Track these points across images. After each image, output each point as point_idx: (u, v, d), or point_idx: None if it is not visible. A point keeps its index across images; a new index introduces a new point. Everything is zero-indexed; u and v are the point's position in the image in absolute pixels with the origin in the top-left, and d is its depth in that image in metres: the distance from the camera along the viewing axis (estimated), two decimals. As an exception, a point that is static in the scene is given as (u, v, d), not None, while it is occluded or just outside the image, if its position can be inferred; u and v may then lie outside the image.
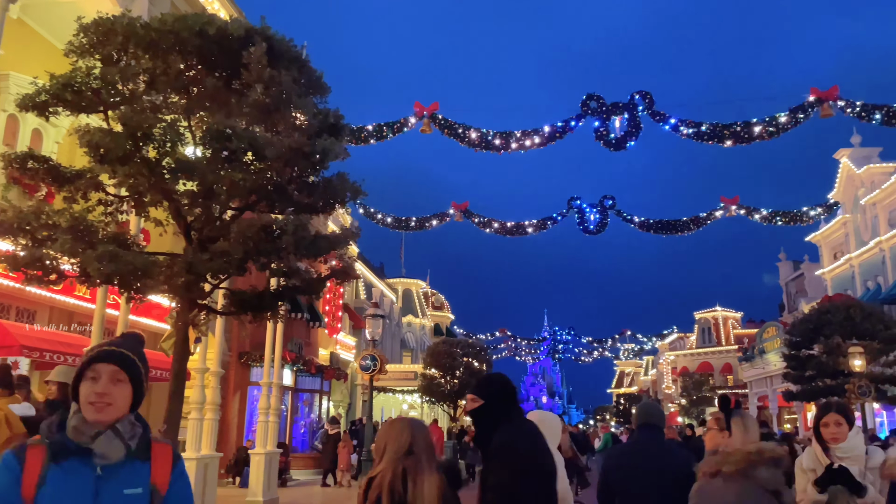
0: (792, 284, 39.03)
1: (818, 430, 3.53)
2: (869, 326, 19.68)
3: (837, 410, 3.53)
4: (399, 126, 22.65)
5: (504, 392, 3.08)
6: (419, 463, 2.50)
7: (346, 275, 7.23)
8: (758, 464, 2.51)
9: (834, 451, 3.44)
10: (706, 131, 21.24)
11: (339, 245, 7.15)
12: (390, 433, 2.62)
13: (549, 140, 22.13)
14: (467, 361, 30.73)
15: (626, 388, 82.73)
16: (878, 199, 26.25)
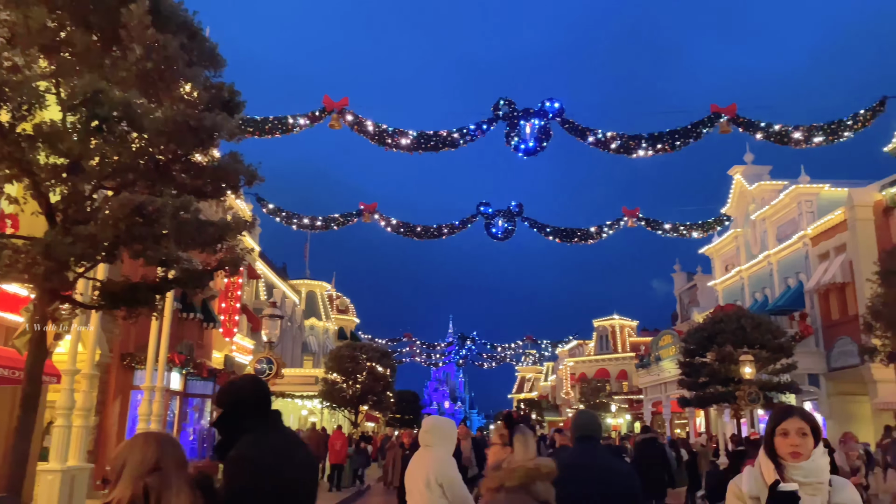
0: (685, 294, 40.69)
1: (771, 440, 2.64)
2: (758, 336, 20.51)
3: (802, 416, 2.62)
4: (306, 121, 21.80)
5: (248, 400, 2.72)
6: (167, 480, 2.15)
7: (236, 266, 6.50)
8: (536, 478, 2.69)
9: (790, 471, 2.54)
10: (612, 141, 21.61)
11: (230, 234, 6.42)
12: (130, 448, 2.25)
13: (460, 142, 21.91)
14: (371, 366, 30.02)
15: (527, 393, 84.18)
16: (768, 214, 27.65)
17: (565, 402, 63.91)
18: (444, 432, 4.89)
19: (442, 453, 4.63)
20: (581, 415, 3.93)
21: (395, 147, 21.67)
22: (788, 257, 26.52)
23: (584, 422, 3.83)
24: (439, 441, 4.80)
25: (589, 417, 3.90)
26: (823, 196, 24.98)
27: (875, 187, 22.35)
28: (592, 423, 3.85)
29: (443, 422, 5.07)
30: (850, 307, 22.78)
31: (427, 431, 4.75)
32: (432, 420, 5.05)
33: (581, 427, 3.80)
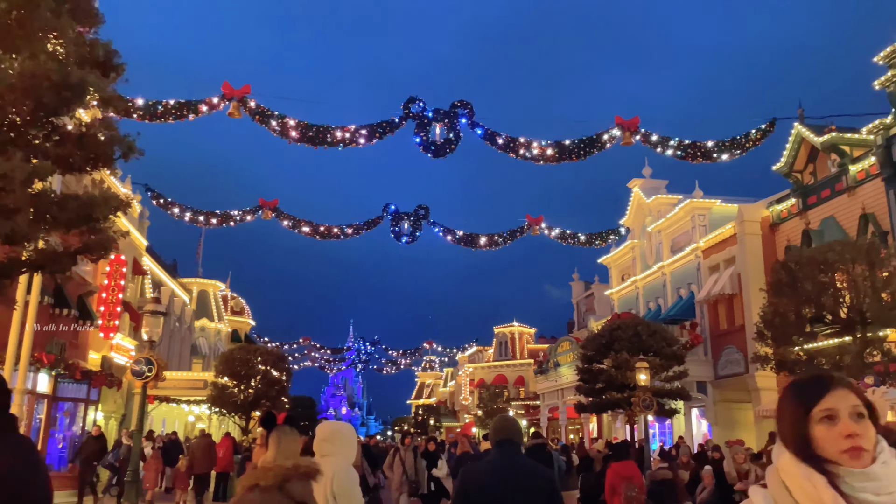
0: (583, 303, 41.67)
1: (804, 433, 1.53)
2: (653, 343, 21.03)
3: (851, 388, 1.55)
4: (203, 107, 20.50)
5: None
6: None
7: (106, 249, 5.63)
8: (292, 478, 2.70)
9: (852, 483, 1.46)
10: (521, 146, 21.63)
11: (98, 210, 5.56)
12: None
13: (368, 139, 21.25)
14: (265, 370, 28.69)
15: (426, 399, 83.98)
16: (663, 227, 28.63)
17: (463, 408, 64.12)
18: (345, 439, 4.36)
19: (342, 462, 4.11)
20: (501, 419, 3.79)
21: (299, 140, 20.74)
22: (681, 269, 27.52)
23: (503, 426, 3.70)
24: (339, 449, 4.26)
25: (507, 421, 3.78)
26: (715, 211, 26.08)
27: (763, 204, 23.51)
28: (512, 427, 3.73)
29: (343, 427, 4.52)
30: (737, 318, 23.84)
31: (326, 440, 4.17)
32: (331, 426, 4.47)
33: (501, 431, 3.66)
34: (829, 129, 19.71)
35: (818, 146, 20.20)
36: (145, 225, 29.79)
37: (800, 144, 21.22)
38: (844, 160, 19.44)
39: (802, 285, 11.85)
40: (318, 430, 4.36)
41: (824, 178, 20.62)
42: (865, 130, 18.33)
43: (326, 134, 20.79)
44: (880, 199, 18.07)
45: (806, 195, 21.31)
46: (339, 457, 4.20)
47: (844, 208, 19.57)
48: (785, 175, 21.93)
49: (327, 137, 20.87)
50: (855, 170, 19.15)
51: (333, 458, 4.14)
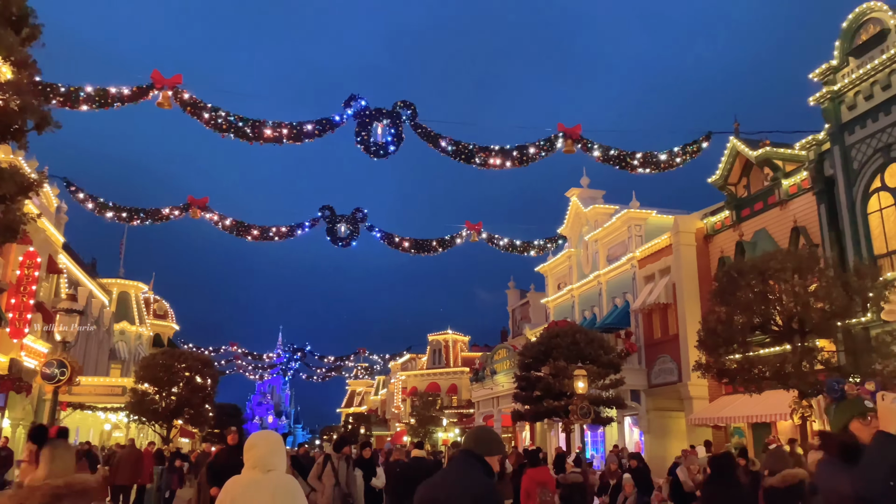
0: (518, 311, 41.75)
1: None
2: (591, 351, 21.04)
3: None
4: (130, 95, 19.32)
5: None
6: None
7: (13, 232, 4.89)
8: (64, 498, 2.60)
9: None
10: (463, 150, 21.33)
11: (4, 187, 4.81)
12: None
13: (308, 136, 20.50)
14: (189, 376, 27.32)
15: (356, 407, 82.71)
16: (600, 236, 28.89)
17: (395, 417, 63.31)
18: (283, 450, 3.87)
19: (289, 477, 3.64)
20: (477, 429, 3.55)
21: (233, 133, 19.80)
22: (617, 278, 27.80)
23: (473, 436, 3.44)
24: (282, 461, 3.73)
25: (481, 432, 3.49)
26: (651, 222, 26.47)
27: (698, 216, 23.97)
28: (484, 438, 3.43)
29: (277, 437, 4.02)
30: (672, 327, 24.17)
31: (274, 452, 3.66)
32: (272, 436, 3.94)
33: (467, 441, 3.44)
34: (764, 143, 20.22)
35: (752, 160, 20.70)
36: (62, 220, 27.95)
37: (735, 158, 21.72)
38: (777, 174, 19.96)
39: (743, 294, 11.92)
40: (258, 441, 3.78)
41: (757, 191, 21.15)
42: (798, 146, 18.86)
43: (262, 129, 19.93)
44: (811, 213, 18.60)
45: (739, 208, 21.81)
46: (280, 470, 3.68)
47: (776, 221, 20.08)
48: (719, 188, 22.40)
49: (263, 132, 20.01)
50: (787, 184, 19.68)
51: (278, 472, 3.63)
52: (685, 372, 22.70)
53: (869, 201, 16.16)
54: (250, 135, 19.99)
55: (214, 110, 19.99)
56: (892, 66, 15.32)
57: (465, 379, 55.03)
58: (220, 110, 19.92)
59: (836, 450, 3.07)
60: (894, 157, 15.47)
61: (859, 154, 16.42)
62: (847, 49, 16.68)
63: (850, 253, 16.05)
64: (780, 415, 18.46)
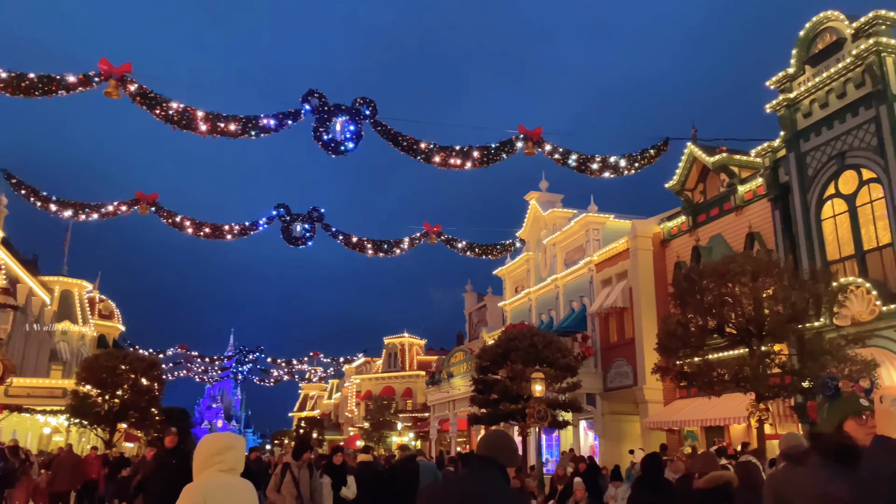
0: (475, 314, 41.60)
1: None
2: (549, 354, 20.92)
3: None
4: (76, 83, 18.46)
5: None
6: None
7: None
8: None
9: None
10: (425, 151, 21.03)
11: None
12: None
13: (262, 130, 19.89)
14: (134, 378, 26.31)
15: (309, 411, 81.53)
16: (558, 240, 28.92)
17: (348, 421, 62.53)
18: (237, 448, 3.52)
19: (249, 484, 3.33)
20: (492, 434, 3.00)
21: (185, 126, 19.07)
22: (574, 281, 27.85)
23: (489, 442, 2.92)
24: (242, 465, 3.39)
25: (498, 438, 2.97)
26: (609, 226, 26.59)
27: (655, 220, 24.16)
28: (501, 444, 2.92)
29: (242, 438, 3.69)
30: (628, 331, 24.28)
31: (233, 448, 3.33)
32: (241, 438, 3.60)
33: (482, 447, 2.91)
34: (720, 150, 20.46)
35: (709, 166, 20.93)
36: (2, 214, 26.67)
37: (692, 164, 21.94)
38: (733, 180, 20.22)
39: (703, 296, 11.91)
40: (234, 443, 3.40)
41: (714, 197, 21.39)
42: (754, 153, 19.12)
43: (216, 122, 19.26)
44: (766, 219, 18.87)
45: (696, 213, 22.03)
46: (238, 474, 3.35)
47: (732, 227, 20.33)
48: (676, 193, 22.60)
49: (217, 125, 19.34)
50: (743, 190, 19.94)
51: (237, 475, 3.29)
52: (641, 375, 22.81)
53: (823, 208, 16.43)
54: (203, 128, 19.30)
55: (165, 101, 19.24)
56: (847, 74, 15.62)
57: (420, 383, 54.63)
58: (171, 101, 19.19)
59: (832, 451, 2.88)
60: (848, 165, 15.76)
61: (814, 161, 16.70)
62: (804, 57, 16.97)
63: (804, 259, 16.29)
64: (733, 418, 18.64)
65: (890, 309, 13.90)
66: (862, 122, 15.36)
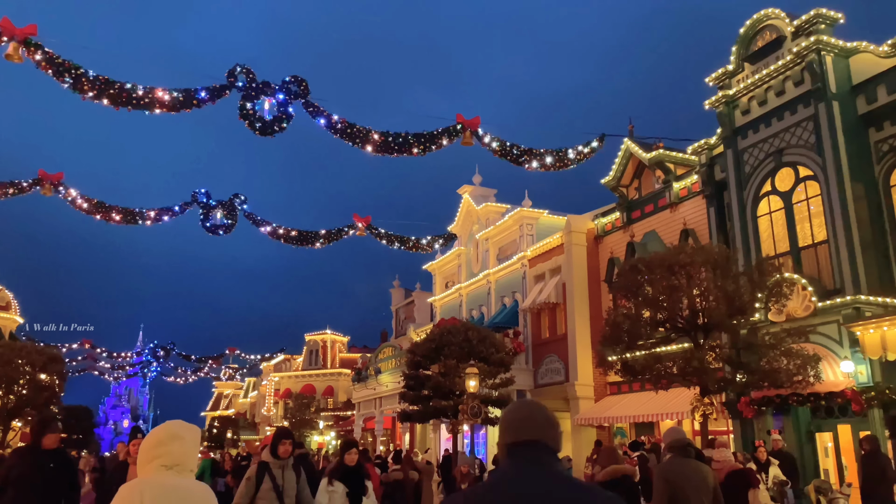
0: (402, 310, 40.76)
1: None
2: (483, 349, 20.40)
3: None
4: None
5: None
6: None
7: None
8: None
9: None
10: (359, 133, 20.07)
11: None
12: None
13: (183, 105, 18.42)
14: (32, 373, 24.11)
15: (223, 410, 78.58)
16: (491, 235, 28.51)
17: (265, 420, 60.43)
18: None
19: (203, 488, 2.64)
20: (520, 407, 2.07)
21: (96, 97, 17.40)
22: (506, 277, 27.50)
23: (521, 420, 1.98)
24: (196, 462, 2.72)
25: (530, 410, 2.03)
26: (543, 221, 26.36)
27: (589, 216, 24.06)
28: (537, 420, 1.98)
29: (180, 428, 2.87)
30: (560, 327, 24.08)
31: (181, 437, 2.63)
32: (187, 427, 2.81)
33: (516, 429, 1.96)
34: (657, 146, 20.48)
35: (645, 162, 20.93)
36: None
37: (628, 160, 21.91)
38: (669, 177, 20.27)
39: (651, 287, 11.59)
40: (181, 432, 2.74)
41: (648, 193, 21.42)
42: (690, 150, 19.19)
43: (132, 93, 17.69)
44: (701, 216, 18.97)
45: (630, 209, 22.02)
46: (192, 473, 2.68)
47: (666, 223, 20.38)
48: (612, 188, 22.53)
49: (132, 97, 17.77)
50: (678, 187, 20.01)
51: (190, 475, 2.50)
52: (572, 372, 22.64)
53: (759, 205, 16.57)
54: (117, 99, 17.68)
55: (76, 69, 17.54)
56: (787, 72, 15.78)
57: (342, 380, 53.34)
58: (80, 68, 17.50)
59: None
60: (785, 162, 15.93)
61: (751, 158, 16.82)
62: (743, 54, 17.08)
63: (740, 255, 16.35)
64: (662, 415, 18.67)
65: (825, 305, 14.05)
66: (800, 119, 15.54)
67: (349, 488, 6.75)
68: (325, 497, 6.47)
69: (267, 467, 5.94)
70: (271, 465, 5.95)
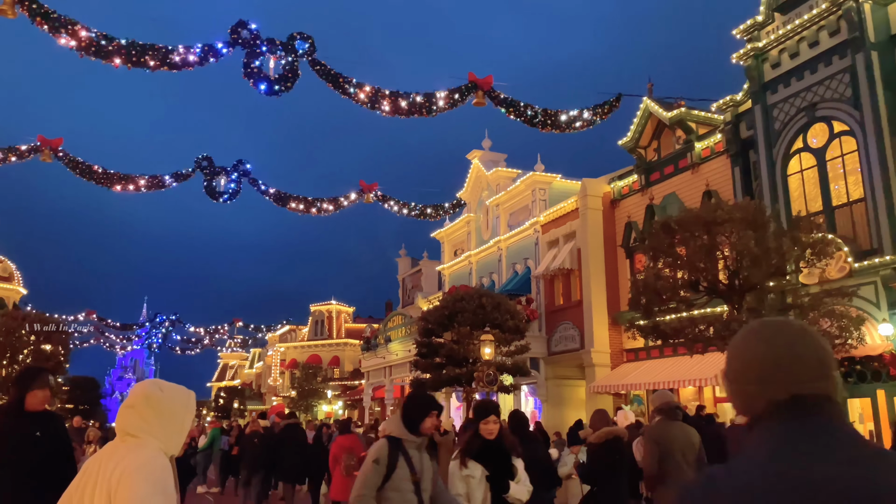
0: (409, 279, 40.24)
1: None
2: (497, 316, 19.85)
3: None
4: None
5: None
6: None
7: None
8: None
9: None
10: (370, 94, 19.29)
11: None
12: None
13: (185, 64, 17.63)
14: (35, 342, 23.67)
15: (229, 381, 78.68)
16: (502, 200, 27.79)
17: (271, 390, 60.38)
18: (172, 409, 2.39)
19: (156, 451, 2.32)
20: (782, 334, 1.29)
21: (94, 53, 16.62)
22: (518, 243, 26.86)
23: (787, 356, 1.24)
24: (161, 426, 2.35)
25: (803, 343, 1.26)
26: (556, 186, 25.63)
27: (605, 180, 23.33)
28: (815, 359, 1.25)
29: (171, 391, 2.47)
30: (574, 293, 23.51)
31: (148, 405, 2.38)
32: (151, 387, 2.24)
33: (789, 374, 1.22)
34: (678, 104, 19.68)
35: (666, 121, 20.14)
36: None
37: (647, 120, 21.11)
38: (691, 137, 19.50)
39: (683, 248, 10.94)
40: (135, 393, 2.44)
41: (668, 154, 20.67)
42: (715, 107, 18.40)
43: (131, 49, 16.90)
44: (724, 176, 18.25)
45: (649, 171, 21.28)
46: (154, 440, 2.35)
47: (687, 185, 19.67)
48: (629, 150, 21.77)
49: (131, 54, 16.98)
50: (700, 147, 19.26)
51: (144, 440, 2.33)
52: (588, 339, 22.12)
53: (790, 162, 15.84)
54: (115, 57, 16.90)
55: (72, 24, 16.76)
56: (821, 22, 14.94)
57: (349, 350, 53.06)
58: (77, 24, 16.71)
59: None
60: (819, 117, 15.16)
61: (781, 114, 16.04)
62: (773, 5, 16.20)
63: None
64: (683, 381, 18.16)
65: (862, 266, 13.42)
66: (835, 71, 14.73)
67: (490, 470, 4.95)
68: (462, 485, 4.86)
69: (401, 446, 4.20)
70: (405, 444, 4.21)
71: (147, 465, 2.22)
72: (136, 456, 2.24)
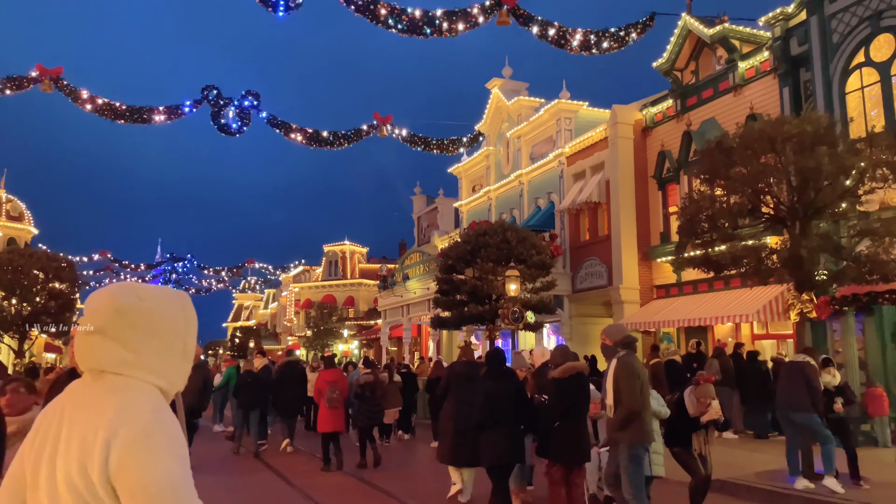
0: (424, 218, 39.18)
1: None
2: (523, 251, 18.88)
3: None
4: None
5: None
6: None
7: None
8: None
9: None
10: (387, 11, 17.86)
11: None
12: None
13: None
14: (45, 279, 23.02)
15: (244, 321, 78.97)
16: (524, 132, 26.43)
17: (286, 330, 60.40)
18: (163, 323, 1.51)
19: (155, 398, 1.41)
20: None
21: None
22: (541, 177, 25.63)
23: None
24: (154, 352, 1.48)
25: None
26: (582, 115, 24.22)
27: (636, 106, 21.89)
28: None
29: (155, 297, 1.16)
30: (602, 228, 22.42)
31: (126, 323, 1.43)
32: (123, 296, 1.13)
33: None
34: (721, 19, 18.10)
35: (706, 39, 18.59)
36: None
37: (685, 38, 19.56)
38: (734, 56, 18.00)
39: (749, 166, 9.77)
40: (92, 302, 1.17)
41: (707, 76, 19.19)
42: (763, 20, 16.83)
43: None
44: (771, 98, 16.84)
45: (685, 96, 19.84)
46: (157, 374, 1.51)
47: (728, 109, 18.27)
48: (664, 73, 20.27)
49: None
50: (744, 67, 17.78)
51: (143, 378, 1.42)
52: (616, 275, 21.15)
53: (848, 79, 14.43)
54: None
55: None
56: (894, -83, 13.29)
57: (363, 290, 52.59)
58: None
59: None
60: (884, 27, 13.68)
61: (840, 25, 14.54)
62: None
63: (823, 138, 14.33)
64: (720, 318, 17.21)
65: (931, 190, 12.18)
66: (908, -26, 13.18)
67: None
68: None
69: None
70: None
71: (153, 424, 1.39)
72: (131, 410, 1.39)
